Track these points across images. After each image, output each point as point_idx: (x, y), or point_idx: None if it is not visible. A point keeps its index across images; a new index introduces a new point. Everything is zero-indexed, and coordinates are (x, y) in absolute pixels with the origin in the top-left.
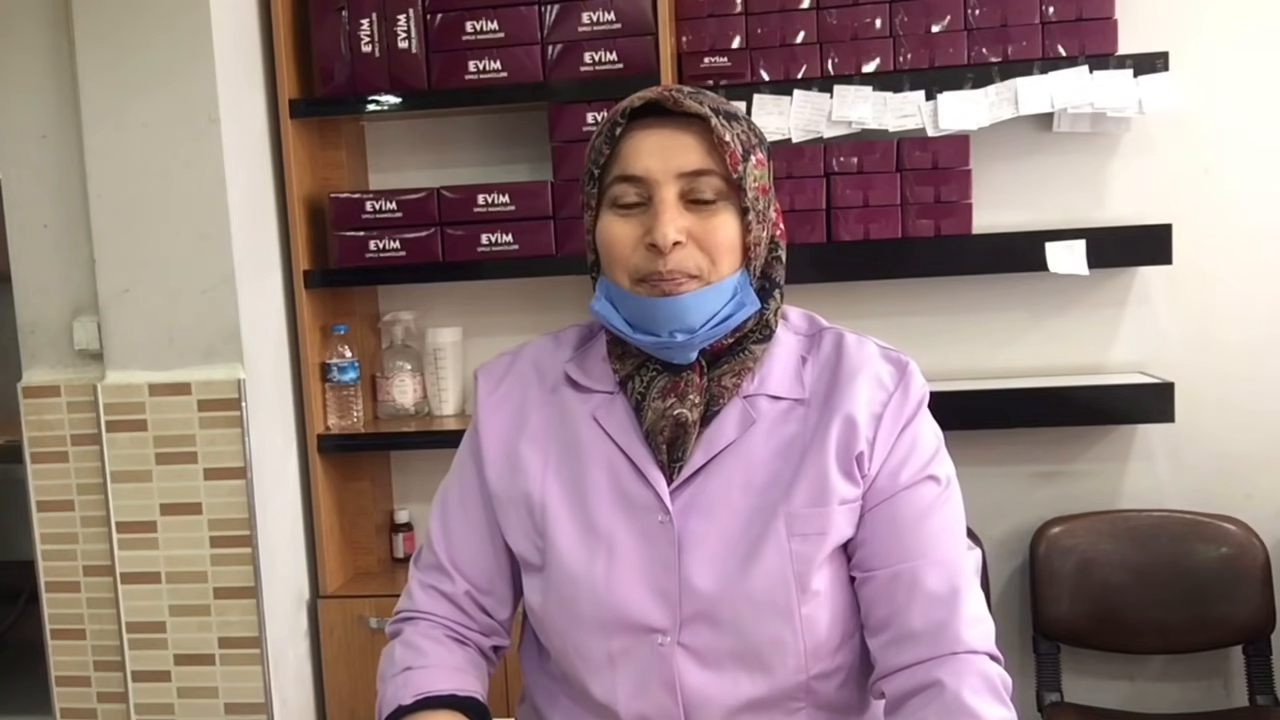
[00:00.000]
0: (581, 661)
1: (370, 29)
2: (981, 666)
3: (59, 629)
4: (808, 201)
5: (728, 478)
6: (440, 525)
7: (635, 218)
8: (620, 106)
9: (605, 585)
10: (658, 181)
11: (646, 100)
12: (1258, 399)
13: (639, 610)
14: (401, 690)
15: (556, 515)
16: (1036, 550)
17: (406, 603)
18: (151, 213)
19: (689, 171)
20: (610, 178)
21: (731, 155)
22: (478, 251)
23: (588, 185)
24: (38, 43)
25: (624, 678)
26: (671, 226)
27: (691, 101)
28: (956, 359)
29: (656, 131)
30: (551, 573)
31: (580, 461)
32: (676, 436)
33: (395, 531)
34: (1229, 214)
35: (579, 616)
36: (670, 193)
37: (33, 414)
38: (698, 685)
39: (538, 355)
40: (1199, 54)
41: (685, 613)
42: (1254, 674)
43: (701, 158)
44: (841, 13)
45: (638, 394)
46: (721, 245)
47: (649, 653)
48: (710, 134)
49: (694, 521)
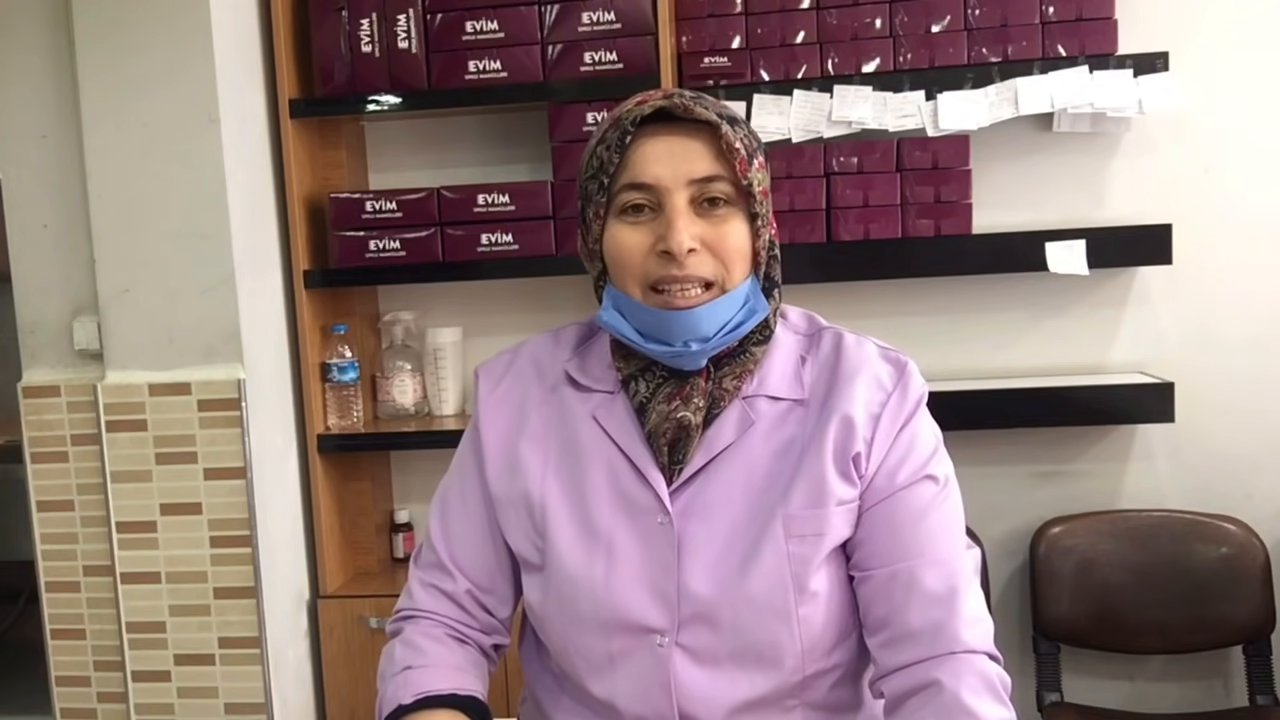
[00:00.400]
0: (581, 661)
1: (370, 29)
2: (980, 666)
3: (59, 629)
4: (808, 201)
5: (727, 479)
6: (440, 524)
7: (645, 225)
8: (626, 113)
9: (604, 586)
10: (668, 189)
11: (656, 108)
12: (1258, 399)
13: (638, 611)
14: (402, 689)
15: (556, 515)
16: (1036, 550)
17: (406, 601)
18: (151, 213)
19: (699, 178)
20: (618, 185)
21: (741, 162)
22: (478, 251)
23: (595, 194)
24: (38, 42)
25: (622, 678)
26: (685, 233)
27: (700, 108)
28: (956, 359)
29: (665, 138)
30: (551, 573)
31: (580, 461)
32: (678, 439)
33: (395, 531)
34: (1229, 214)
35: (578, 616)
36: (681, 199)
37: (33, 414)
38: (694, 686)
39: (537, 353)
40: (1199, 54)
41: (684, 614)
42: (1254, 674)
43: (711, 164)
44: (841, 13)
45: (642, 397)
46: (734, 252)
47: (647, 653)
48: (719, 140)
49: (693, 523)
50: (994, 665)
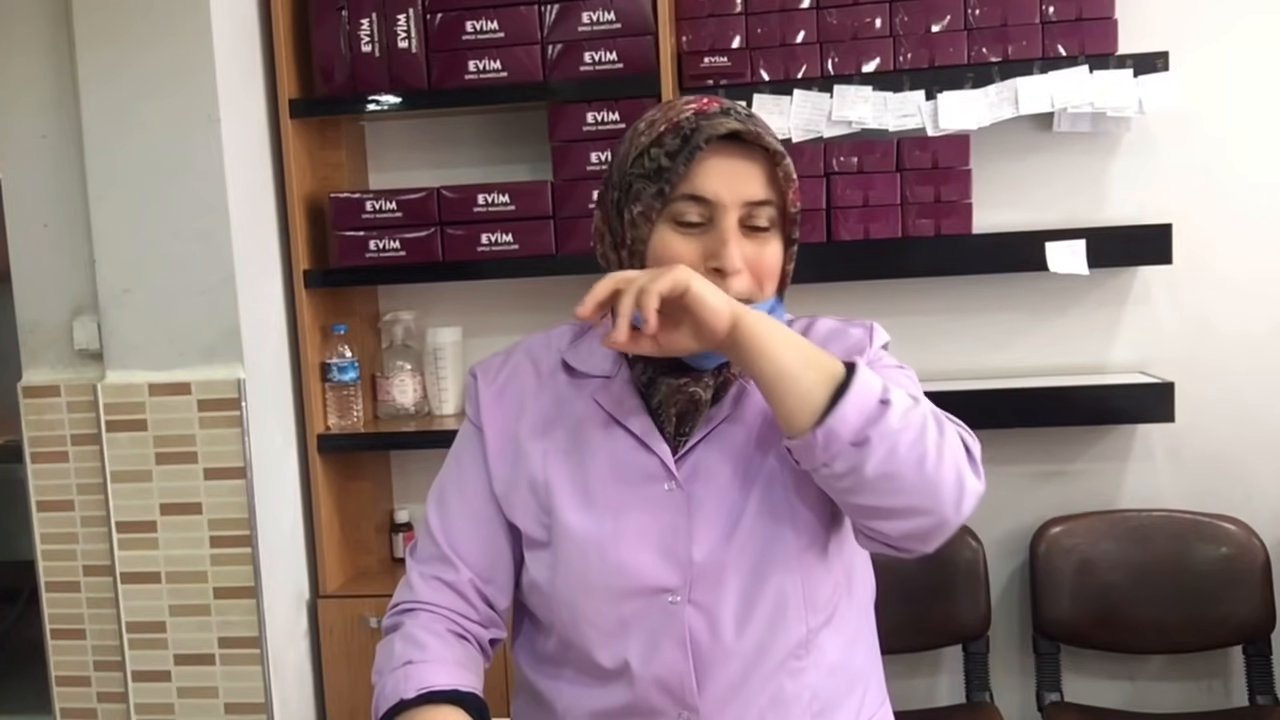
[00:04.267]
0: (592, 630)
1: (370, 29)
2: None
3: (59, 629)
4: (808, 201)
5: (728, 443)
6: (439, 516)
7: (696, 238)
8: (689, 123)
9: (614, 549)
10: (725, 207)
11: (731, 130)
12: (1258, 398)
13: (649, 571)
14: (403, 684)
15: (561, 492)
16: (1037, 550)
17: (406, 594)
18: (151, 213)
19: (753, 201)
20: (677, 193)
21: (795, 192)
22: (478, 251)
23: (647, 194)
24: (38, 42)
25: (636, 641)
26: (738, 254)
27: (769, 138)
28: (956, 359)
29: (729, 159)
30: (559, 546)
31: (583, 440)
32: (687, 411)
33: (395, 531)
34: (1229, 214)
35: (589, 585)
36: (733, 218)
37: (33, 414)
38: (707, 641)
39: (532, 349)
40: (1199, 54)
41: (695, 572)
42: (1254, 674)
43: (764, 188)
44: (841, 13)
45: (648, 374)
46: (769, 272)
47: (660, 612)
48: (775, 168)
49: (700, 487)
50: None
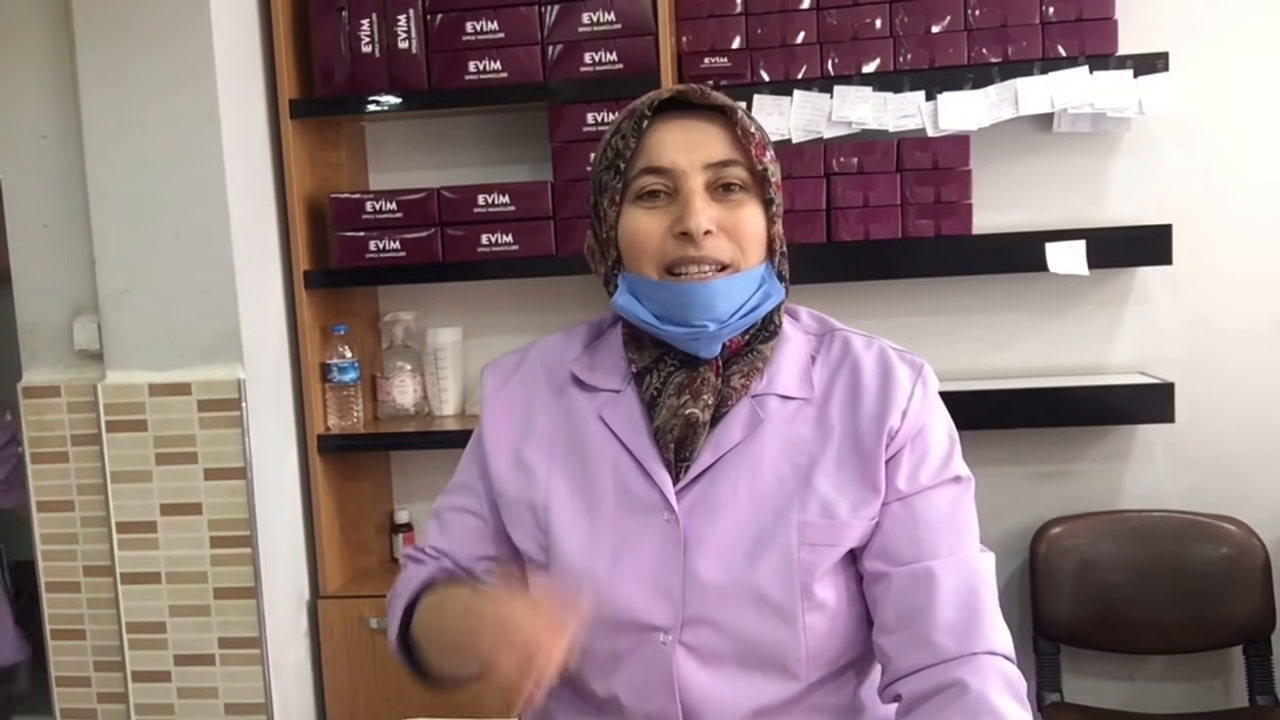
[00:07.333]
0: (586, 659)
1: (370, 29)
2: (1003, 668)
3: (59, 629)
4: (808, 201)
5: (734, 478)
6: (438, 527)
7: (662, 210)
8: (643, 100)
9: (608, 583)
10: (685, 172)
11: (673, 93)
12: (1258, 399)
13: (641, 608)
14: (420, 585)
15: (560, 514)
16: (1037, 550)
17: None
18: (151, 213)
19: (715, 162)
20: (635, 170)
21: (757, 146)
22: (478, 251)
23: (611, 181)
24: (38, 42)
25: (626, 677)
26: (703, 214)
27: (718, 96)
28: (956, 359)
29: (681, 123)
30: (555, 571)
31: (585, 460)
32: (685, 436)
33: (395, 532)
34: (1229, 214)
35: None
36: (698, 183)
37: (33, 414)
38: (697, 686)
39: (546, 355)
40: (1199, 54)
41: (687, 612)
42: (1254, 674)
43: (726, 149)
44: (841, 13)
45: (653, 389)
46: (750, 235)
47: (651, 652)
48: (733, 126)
49: (699, 521)
50: (1014, 668)
